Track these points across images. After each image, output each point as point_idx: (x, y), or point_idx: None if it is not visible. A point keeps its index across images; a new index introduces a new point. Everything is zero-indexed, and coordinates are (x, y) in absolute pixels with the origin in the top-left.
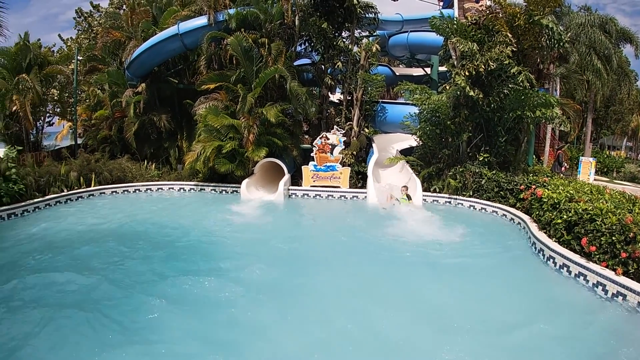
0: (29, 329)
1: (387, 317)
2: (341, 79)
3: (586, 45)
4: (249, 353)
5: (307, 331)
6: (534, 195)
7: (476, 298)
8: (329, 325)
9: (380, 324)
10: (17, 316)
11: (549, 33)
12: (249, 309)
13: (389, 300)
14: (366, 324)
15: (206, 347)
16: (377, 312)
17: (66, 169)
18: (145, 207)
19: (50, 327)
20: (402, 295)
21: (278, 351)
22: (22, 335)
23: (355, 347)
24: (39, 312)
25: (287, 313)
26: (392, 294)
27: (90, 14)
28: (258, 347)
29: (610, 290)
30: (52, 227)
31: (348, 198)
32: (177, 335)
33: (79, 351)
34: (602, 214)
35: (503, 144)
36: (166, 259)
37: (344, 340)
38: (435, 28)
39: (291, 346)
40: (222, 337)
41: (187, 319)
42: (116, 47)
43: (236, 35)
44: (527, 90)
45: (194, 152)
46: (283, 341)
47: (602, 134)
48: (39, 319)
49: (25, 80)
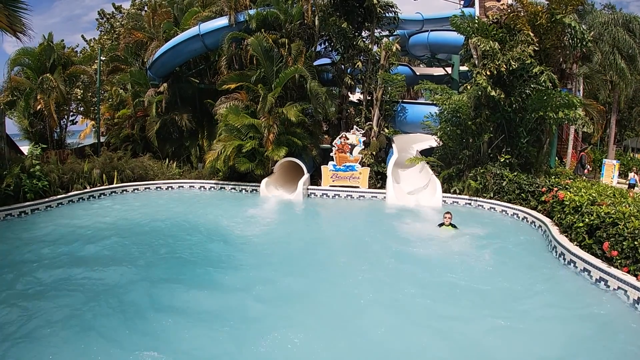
0: (52, 317)
1: (393, 326)
2: (361, 79)
3: (610, 45)
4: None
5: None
6: (555, 197)
7: (489, 297)
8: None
9: (388, 333)
10: (42, 302)
11: (572, 32)
12: (258, 310)
13: (403, 308)
14: (373, 337)
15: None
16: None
17: (89, 167)
18: (165, 204)
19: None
20: (415, 301)
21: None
22: (44, 322)
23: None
24: (58, 300)
25: (297, 314)
26: (409, 301)
27: (113, 15)
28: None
29: (631, 296)
30: (73, 223)
31: (367, 198)
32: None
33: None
34: (625, 218)
35: (525, 145)
36: (181, 255)
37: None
38: (455, 27)
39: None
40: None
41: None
42: (138, 48)
43: (256, 35)
44: (549, 90)
45: (215, 151)
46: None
47: (626, 136)
48: (61, 306)
49: (50, 80)
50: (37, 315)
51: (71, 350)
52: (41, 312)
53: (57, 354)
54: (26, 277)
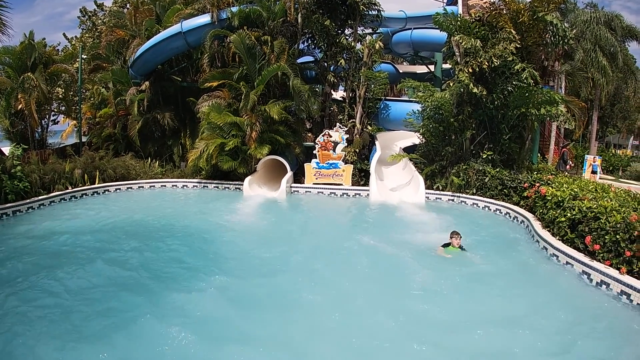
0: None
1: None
2: (344, 77)
3: (591, 42)
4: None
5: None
6: (537, 193)
7: (473, 297)
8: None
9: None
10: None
11: (554, 30)
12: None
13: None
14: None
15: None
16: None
17: (70, 167)
18: (147, 204)
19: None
20: (399, 297)
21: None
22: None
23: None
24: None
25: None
26: (389, 296)
27: (95, 13)
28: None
29: (614, 289)
30: (56, 224)
31: (350, 195)
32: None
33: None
34: (607, 212)
35: (507, 141)
36: (161, 255)
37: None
38: (438, 25)
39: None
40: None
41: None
42: (120, 46)
43: (239, 33)
44: (531, 87)
45: (197, 149)
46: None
47: (608, 132)
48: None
49: (31, 79)
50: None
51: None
52: (13, 314)
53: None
54: (5, 277)
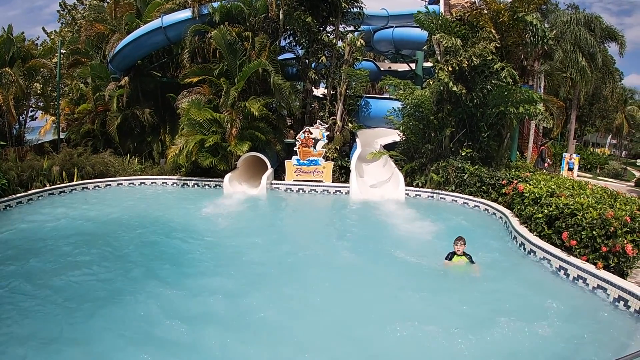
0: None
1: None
2: (325, 74)
3: (571, 43)
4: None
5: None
6: (515, 190)
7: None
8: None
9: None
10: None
11: (533, 30)
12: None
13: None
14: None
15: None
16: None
17: (48, 164)
18: (126, 201)
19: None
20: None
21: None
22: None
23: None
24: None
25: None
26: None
27: (74, 6)
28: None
29: (590, 283)
30: (34, 222)
31: (331, 192)
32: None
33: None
34: (583, 209)
35: (486, 139)
36: (141, 253)
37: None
38: (419, 23)
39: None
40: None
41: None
42: (100, 40)
43: (220, 28)
44: (510, 86)
45: (177, 146)
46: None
47: (587, 131)
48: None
49: (8, 74)
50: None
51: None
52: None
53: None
54: None
